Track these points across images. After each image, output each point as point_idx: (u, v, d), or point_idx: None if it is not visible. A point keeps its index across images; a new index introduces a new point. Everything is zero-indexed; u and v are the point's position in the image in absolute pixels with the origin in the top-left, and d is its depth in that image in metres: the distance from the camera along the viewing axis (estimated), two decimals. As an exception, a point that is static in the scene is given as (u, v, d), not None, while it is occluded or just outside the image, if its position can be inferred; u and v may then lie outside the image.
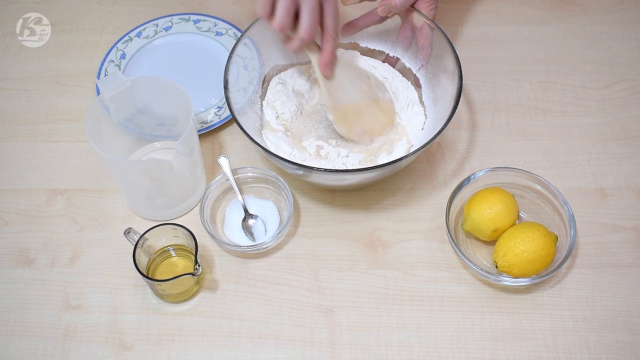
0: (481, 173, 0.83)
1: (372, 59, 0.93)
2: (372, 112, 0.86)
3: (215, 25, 1.03)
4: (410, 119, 0.87)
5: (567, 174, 0.88)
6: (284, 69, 0.92)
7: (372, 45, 0.93)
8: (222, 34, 1.02)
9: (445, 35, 0.84)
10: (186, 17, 1.04)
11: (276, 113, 0.88)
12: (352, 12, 0.91)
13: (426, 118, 0.88)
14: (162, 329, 0.77)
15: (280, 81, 0.91)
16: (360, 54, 0.93)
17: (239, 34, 1.01)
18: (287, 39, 0.79)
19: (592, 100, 0.96)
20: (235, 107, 0.81)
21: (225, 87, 0.81)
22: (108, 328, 0.77)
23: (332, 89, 0.84)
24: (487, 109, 0.95)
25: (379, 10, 0.87)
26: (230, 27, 1.03)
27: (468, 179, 0.82)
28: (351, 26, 0.91)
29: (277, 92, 0.90)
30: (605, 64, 1.00)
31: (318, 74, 0.84)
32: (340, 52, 0.92)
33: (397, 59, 0.92)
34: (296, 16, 0.76)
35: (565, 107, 0.95)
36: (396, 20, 0.90)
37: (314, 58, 0.83)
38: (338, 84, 0.84)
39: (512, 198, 0.80)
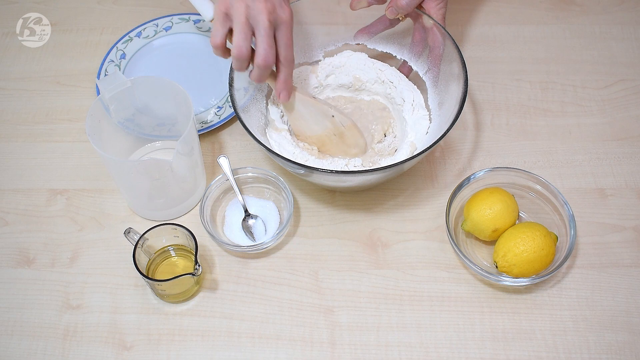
0: (481, 173, 0.83)
1: (379, 61, 0.92)
2: (336, 146, 0.85)
3: (215, 25, 1.03)
4: (415, 123, 0.87)
5: (567, 174, 0.88)
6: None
7: (380, 48, 0.93)
8: (222, 34, 1.02)
9: (453, 40, 0.83)
10: (186, 17, 1.04)
11: (281, 112, 0.88)
12: (361, 14, 0.90)
13: (431, 122, 0.87)
14: (162, 329, 0.77)
15: None
16: (368, 56, 0.92)
17: (239, 34, 1.01)
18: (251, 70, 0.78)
19: (592, 100, 0.96)
20: (238, 104, 0.80)
21: (230, 85, 0.81)
22: (108, 328, 0.77)
23: (294, 120, 0.85)
24: (487, 109, 0.95)
25: (387, 12, 0.86)
26: (230, 27, 1.03)
27: (468, 179, 0.82)
28: (363, 33, 0.91)
29: None
30: (605, 64, 1.00)
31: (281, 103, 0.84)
32: (348, 54, 0.92)
33: (411, 69, 0.91)
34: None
35: (565, 107, 0.95)
36: (405, 23, 0.89)
37: (273, 87, 0.81)
38: (300, 117, 0.84)
39: (512, 198, 0.80)
